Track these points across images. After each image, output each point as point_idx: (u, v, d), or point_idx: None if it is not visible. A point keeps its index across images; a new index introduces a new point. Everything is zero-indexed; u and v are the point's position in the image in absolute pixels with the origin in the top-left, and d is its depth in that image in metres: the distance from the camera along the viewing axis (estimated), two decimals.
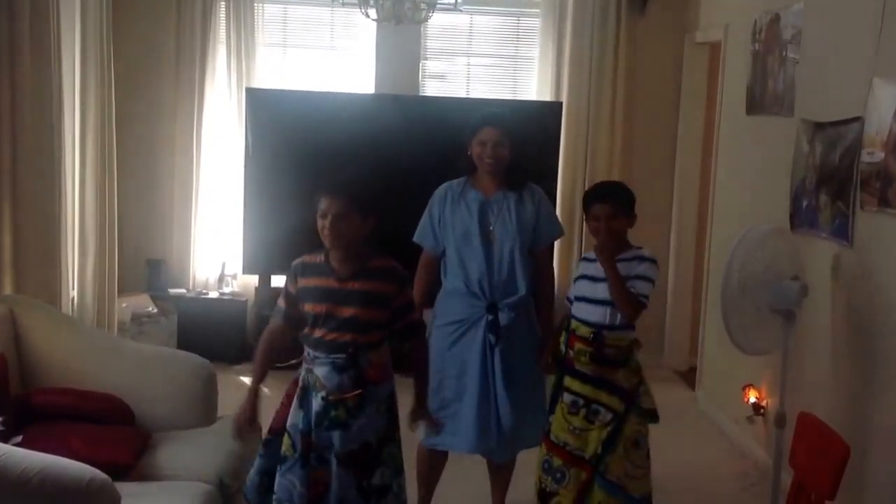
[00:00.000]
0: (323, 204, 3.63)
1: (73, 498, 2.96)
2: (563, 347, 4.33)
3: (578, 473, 4.19)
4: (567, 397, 4.26)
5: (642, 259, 4.24)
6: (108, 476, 3.07)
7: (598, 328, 4.21)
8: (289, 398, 3.78)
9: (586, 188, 7.49)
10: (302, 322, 3.75)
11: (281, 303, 3.83)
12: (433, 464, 4.76)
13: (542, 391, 4.62)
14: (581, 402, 4.22)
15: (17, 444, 3.45)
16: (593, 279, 4.27)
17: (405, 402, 3.94)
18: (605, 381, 4.21)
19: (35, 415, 3.98)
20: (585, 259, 4.45)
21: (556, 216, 4.82)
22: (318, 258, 3.74)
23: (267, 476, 3.76)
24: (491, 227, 4.52)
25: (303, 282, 3.74)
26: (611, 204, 4.24)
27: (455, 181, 4.64)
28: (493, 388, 4.51)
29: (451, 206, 4.58)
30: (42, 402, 4.07)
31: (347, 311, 3.65)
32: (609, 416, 4.18)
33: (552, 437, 4.29)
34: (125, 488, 3.27)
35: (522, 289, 4.54)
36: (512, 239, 4.51)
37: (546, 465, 4.30)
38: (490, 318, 4.50)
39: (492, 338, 4.49)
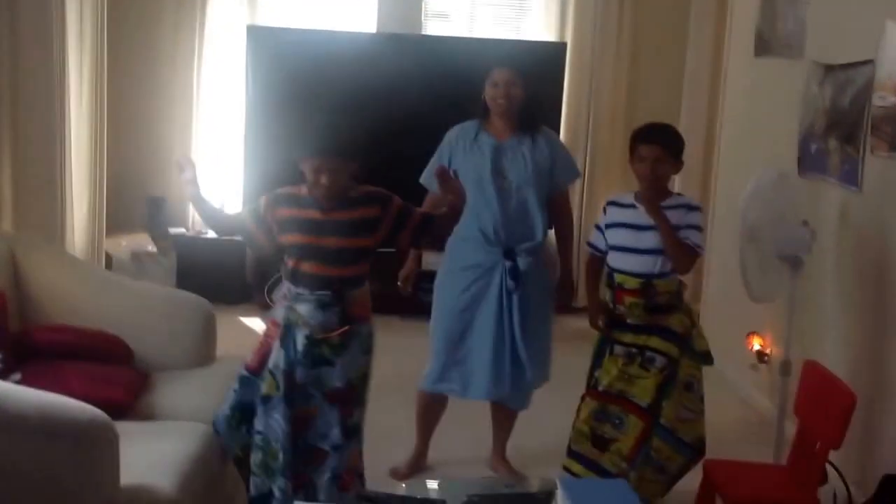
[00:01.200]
0: (313, 163, 3.57)
1: (72, 436, 2.94)
2: (610, 304, 4.20)
3: (637, 422, 4.08)
4: (619, 349, 4.13)
5: (690, 207, 4.12)
6: (106, 415, 3.05)
7: (646, 277, 4.09)
8: (267, 338, 3.76)
9: (590, 130, 7.48)
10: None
11: (249, 223, 3.76)
12: (434, 409, 4.74)
13: (550, 335, 4.62)
14: (635, 350, 4.10)
15: (17, 382, 3.43)
16: (636, 227, 4.11)
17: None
18: (657, 328, 4.10)
19: (34, 352, 3.95)
20: (616, 204, 4.24)
21: (572, 159, 4.72)
22: (301, 189, 3.69)
23: (238, 411, 3.74)
24: (505, 173, 4.44)
25: (283, 212, 3.69)
26: (661, 145, 4.09)
27: (468, 123, 4.55)
28: (510, 334, 4.46)
29: (463, 149, 4.50)
30: (41, 340, 4.03)
31: (332, 242, 3.62)
32: (664, 361, 4.08)
33: (604, 387, 4.13)
34: (124, 427, 3.24)
35: (539, 234, 4.49)
36: (527, 184, 4.44)
37: (600, 415, 4.13)
38: (509, 264, 4.44)
39: (511, 283, 4.43)
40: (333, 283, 3.62)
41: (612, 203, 4.28)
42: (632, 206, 4.16)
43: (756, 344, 5.75)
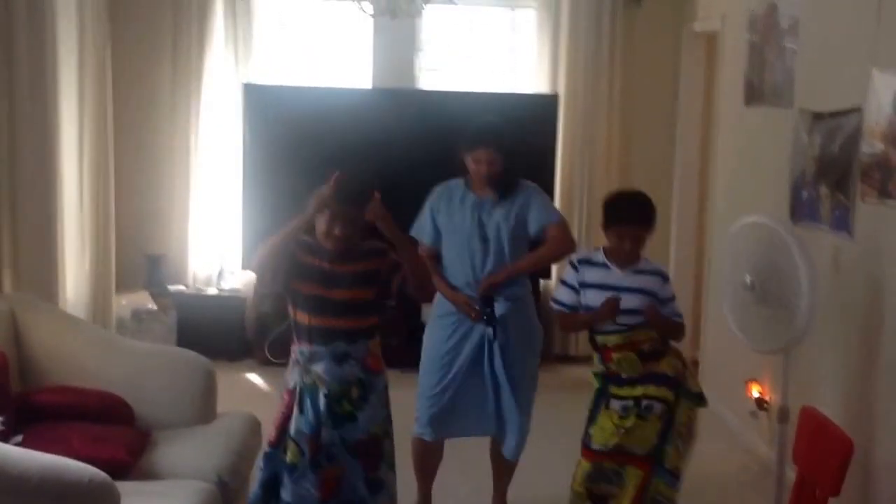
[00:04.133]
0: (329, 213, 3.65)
1: (74, 497, 2.96)
2: (600, 365, 4.21)
3: (636, 471, 4.12)
4: (615, 404, 4.15)
5: (663, 277, 4.22)
6: (108, 475, 3.06)
7: (626, 329, 4.13)
8: (284, 409, 3.79)
9: (585, 180, 7.52)
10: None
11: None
12: (430, 454, 4.79)
13: (532, 386, 4.70)
14: (631, 403, 4.13)
15: (18, 444, 3.44)
16: (613, 289, 4.14)
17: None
18: (651, 376, 4.15)
19: (36, 414, 3.97)
20: (589, 263, 4.24)
21: (552, 206, 4.81)
22: (308, 238, 3.77)
23: (269, 488, 3.78)
24: (486, 229, 4.56)
25: (302, 257, 3.76)
26: (640, 225, 4.15)
27: (453, 182, 4.68)
28: (492, 380, 4.56)
29: (448, 206, 4.64)
30: (42, 402, 4.06)
31: (338, 294, 3.70)
32: (662, 407, 4.12)
33: (598, 446, 4.15)
34: (125, 487, 3.26)
35: (518, 283, 4.63)
36: (506, 237, 4.56)
37: (595, 475, 4.15)
38: (488, 310, 4.53)
39: (489, 330, 4.53)
40: (345, 334, 3.71)
41: (583, 262, 4.27)
42: (604, 265, 4.21)
43: (755, 391, 5.76)
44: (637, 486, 4.11)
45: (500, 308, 4.56)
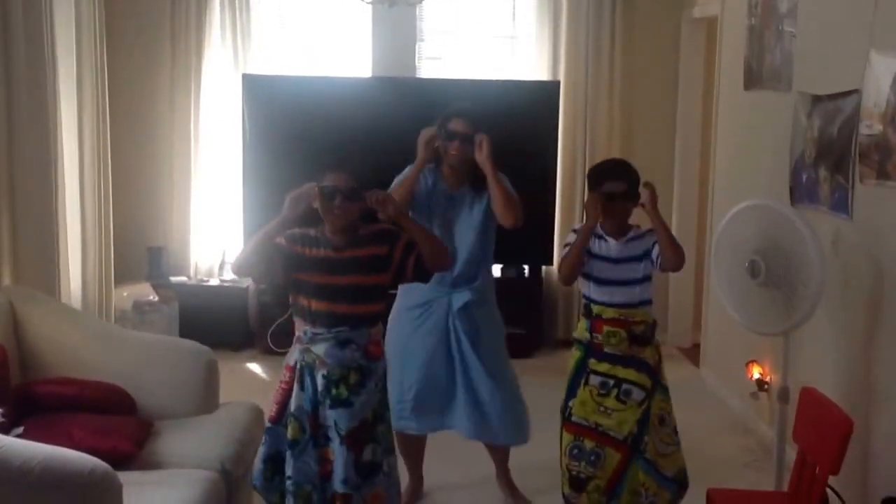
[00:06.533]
0: (330, 180, 3.69)
1: (75, 488, 2.97)
2: (587, 333, 4.25)
3: (613, 454, 4.14)
4: (595, 379, 4.19)
5: (646, 233, 4.23)
6: (109, 465, 3.07)
7: (624, 307, 4.18)
8: (284, 385, 3.82)
9: (587, 166, 7.52)
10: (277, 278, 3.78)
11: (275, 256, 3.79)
12: (411, 442, 4.89)
13: (512, 378, 4.78)
14: (611, 382, 4.16)
15: (19, 436, 3.46)
16: (612, 260, 4.21)
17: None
18: (632, 360, 4.17)
19: (36, 406, 3.98)
20: (593, 233, 4.29)
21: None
22: (312, 231, 3.80)
23: (271, 462, 3.81)
24: (453, 222, 4.60)
25: (299, 249, 3.78)
26: (625, 180, 4.18)
27: (427, 169, 4.68)
28: (462, 371, 4.65)
29: (423, 194, 4.63)
30: (43, 393, 4.06)
31: (346, 280, 3.72)
32: (642, 394, 4.14)
33: (578, 419, 4.19)
34: (128, 477, 3.27)
35: (482, 276, 4.70)
36: (472, 230, 4.61)
37: (576, 451, 4.19)
38: (450, 298, 4.62)
39: (453, 319, 4.61)
40: (349, 320, 3.72)
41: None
42: (603, 238, 4.25)
43: (756, 372, 5.79)
44: (615, 469, 4.14)
45: (463, 297, 4.62)
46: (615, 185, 4.17)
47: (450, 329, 4.64)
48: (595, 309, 4.23)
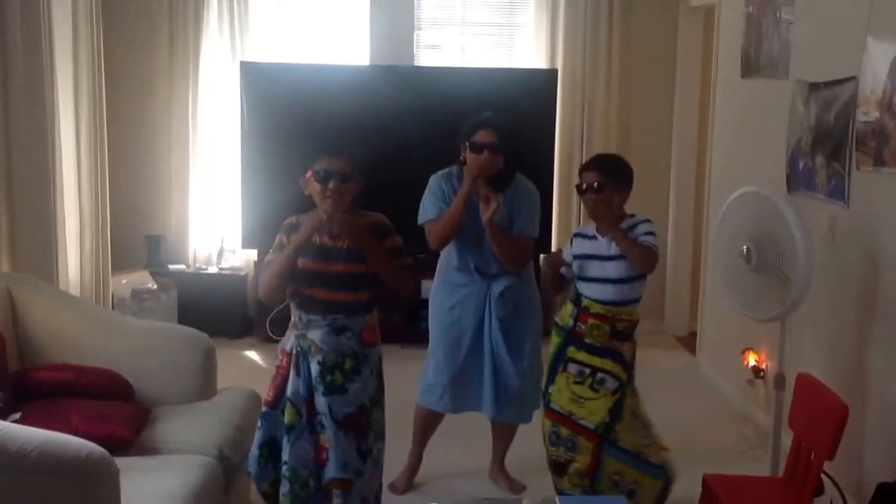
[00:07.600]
0: (324, 164, 3.67)
1: (72, 472, 2.97)
2: (571, 321, 4.29)
3: (586, 442, 4.19)
4: (572, 367, 4.25)
5: (638, 222, 4.24)
6: (105, 450, 3.08)
7: (612, 305, 4.21)
8: (279, 369, 3.83)
9: (584, 155, 7.53)
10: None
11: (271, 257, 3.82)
12: (430, 422, 4.91)
13: (539, 358, 4.74)
14: (587, 371, 4.22)
15: (16, 421, 3.45)
16: (600, 258, 4.25)
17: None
18: (610, 351, 4.22)
19: (34, 391, 3.99)
20: (581, 236, 4.39)
21: (536, 220, 4.75)
22: (306, 218, 3.78)
23: (266, 448, 3.82)
24: (478, 220, 4.55)
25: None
26: (598, 171, 4.21)
27: (449, 171, 4.68)
28: (493, 352, 4.65)
29: (449, 193, 4.63)
30: (41, 379, 4.07)
31: (340, 267, 3.72)
32: (616, 384, 4.19)
33: (555, 406, 4.28)
34: (126, 462, 3.28)
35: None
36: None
37: (553, 437, 4.28)
38: (488, 286, 4.64)
39: (491, 305, 4.63)
40: (344, 307, 3.73)
41: (577, 235, 4.44)
42: (593, 237, 4.30)
43: (752, 360, 5.81)
44: (592, 453, 4.18)
45: (500, 284, 4.64)
46: (586, 176, 4.23)
47: (487, 315, 4.66)
48: (584, 302, 4.27)
